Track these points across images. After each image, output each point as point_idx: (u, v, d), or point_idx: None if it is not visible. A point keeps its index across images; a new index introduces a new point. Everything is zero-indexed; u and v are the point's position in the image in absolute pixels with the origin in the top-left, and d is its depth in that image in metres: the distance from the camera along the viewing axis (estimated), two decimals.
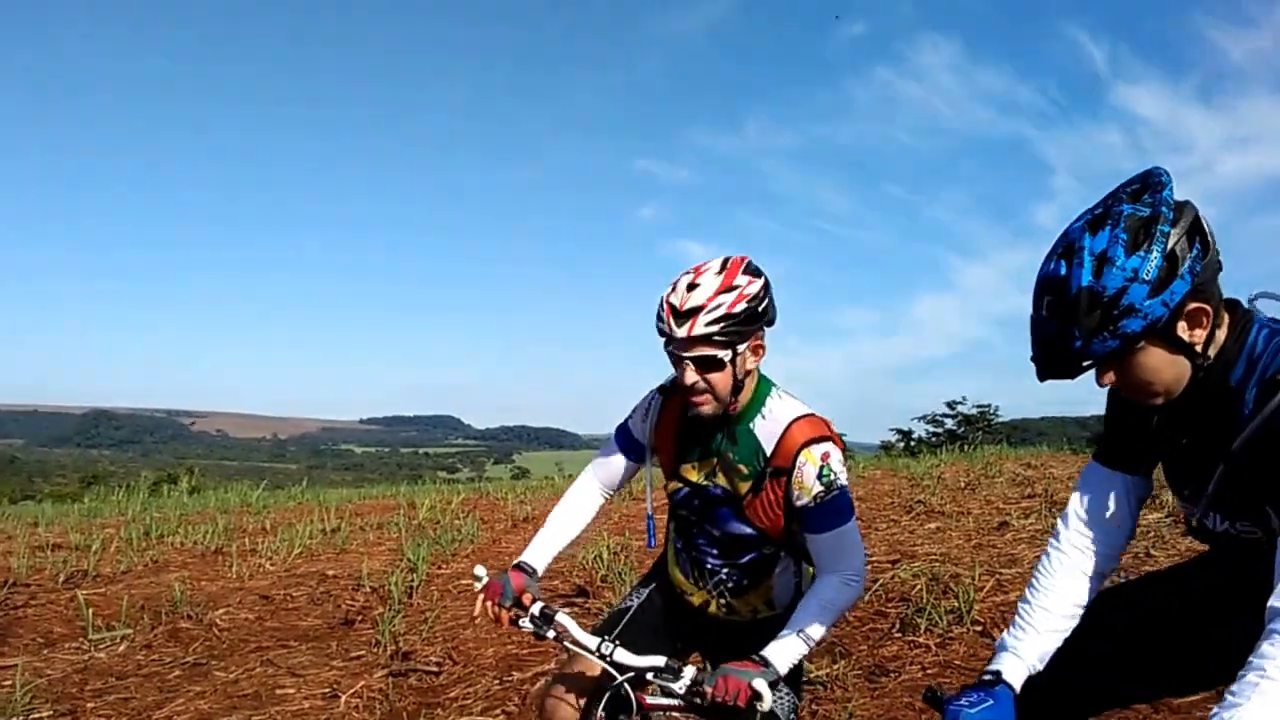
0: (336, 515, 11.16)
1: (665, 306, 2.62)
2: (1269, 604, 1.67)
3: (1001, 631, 4.95)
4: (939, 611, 5.37)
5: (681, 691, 2.51)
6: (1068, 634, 2.16)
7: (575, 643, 2.69)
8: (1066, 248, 1.86)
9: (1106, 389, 2.02)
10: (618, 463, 3.11)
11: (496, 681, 5.37)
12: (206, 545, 9.92)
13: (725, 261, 2.65)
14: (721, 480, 2.81)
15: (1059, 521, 2.27)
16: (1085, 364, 1.86)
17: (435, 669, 5.60)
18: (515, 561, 2.91)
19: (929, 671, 4.82)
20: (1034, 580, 2.22)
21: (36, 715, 5.16)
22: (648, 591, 3.14)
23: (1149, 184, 1.85)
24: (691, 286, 2.61)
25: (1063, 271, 1.84)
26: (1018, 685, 2.06)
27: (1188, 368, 1.89)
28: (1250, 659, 1.63)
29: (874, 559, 6.74)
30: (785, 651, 2.57)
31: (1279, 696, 1.55)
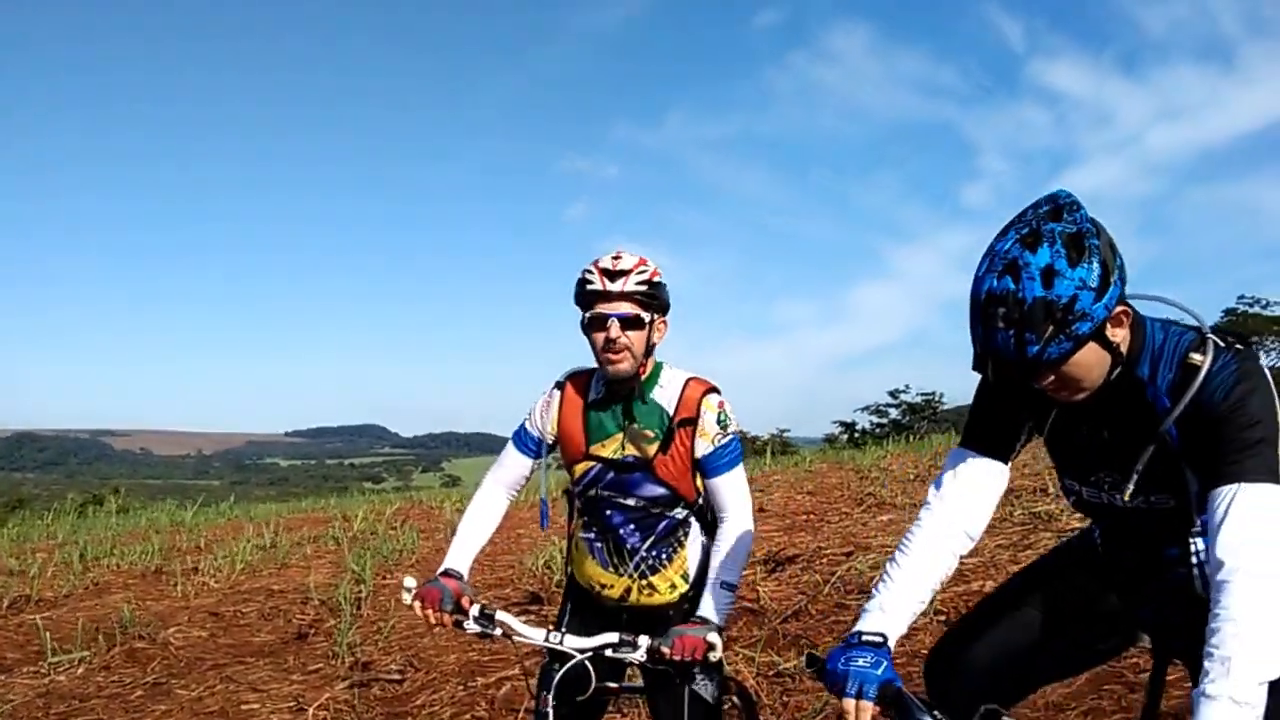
0: (271, 530, 11.16)
1: (595, 271, 2.96)
2: (1212, 555, 1.94)
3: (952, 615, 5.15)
4: None
5: (642, 658, 2.74)
6: (925, 606, 2.31)
7: (522, 637, 2.85)
8: (1009, 265, 2.02)
9: (977, 383, 2.38)
10: (517, 463, 3.27)
11: (461, 687, 5.42)
12: (145, 565, 9.89)
13: (634, 253, 3.04)
14: (631, 450, 3.06)
15: (927, 500, 2.40)
16: (1043, 367, 2.02)
17: (398, 678, 5.65)
18: (441, 569, 3.02)
19: (898, 661, 4.93)
20: (902, 551, 2.33)
21: None
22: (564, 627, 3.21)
23: (1064, 204, 2.06)
24: (616, 258, 3.00)
25: (1012, 286, 2.00)
26: (894, 647, 2.21)
27: (1108, 364, 2.11)
28: (1211, 625, 1.87)
29: (828, 552, 6.89)
30: (716, 604, 2.90)
31: (1249, 665, 1.80)
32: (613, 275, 2.95)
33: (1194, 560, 2.27)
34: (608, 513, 3.11)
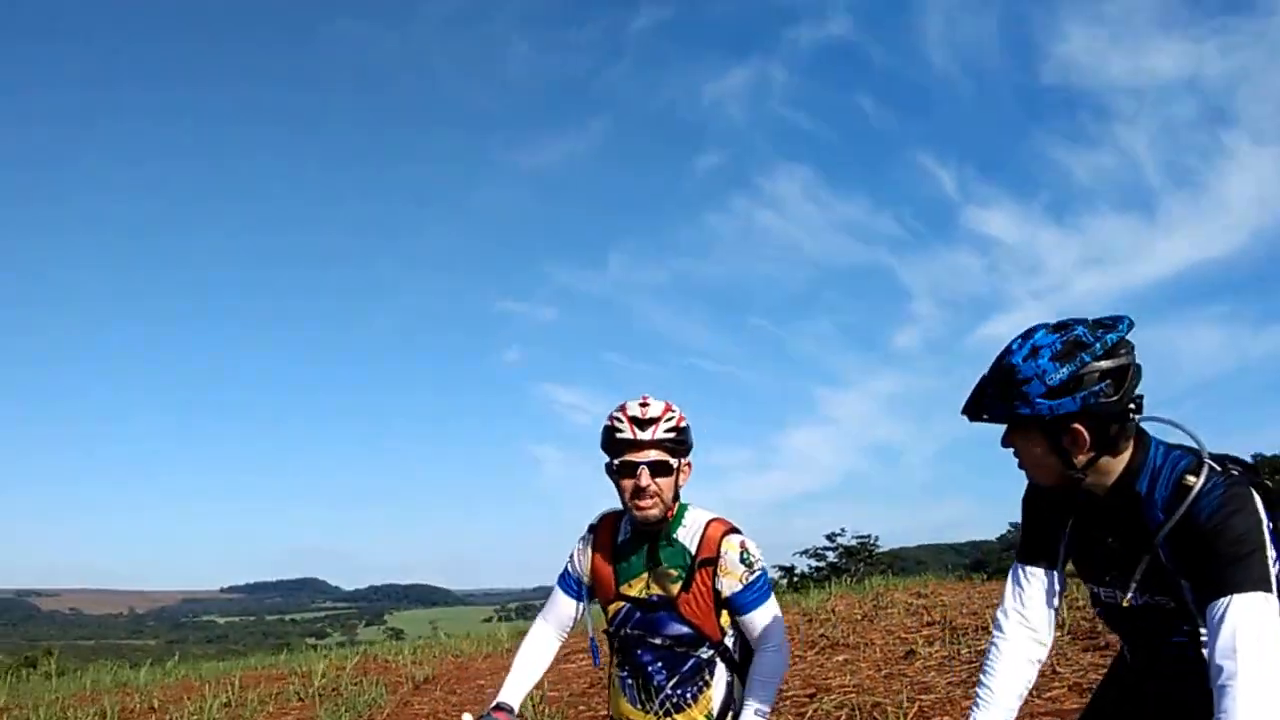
0: (232, 688, 11.00)
1: (624, 419, 3.14)
2: (1213, 662, 2.15)
3: None
4: None
5: None
6: (1015, 714, 2.55)
7: None
8: (1027, 332, 2.41)
9: (1020, 503, 2.75)
10: (564, 605, 3.48)
11: None
12: None
13: (660, 399, 3.23)
14: (656, 589, 3.23)
15: (998, 615, 2.67)
16: (984, 416, 2.42)
17: None
18: (494, 703, 3.22)
19: None
20: (987, 668, 2.59)
21: None
22: None
23: (1110, 323, 2.35)
24: (644, 404, 3.17)
25: (1014, 347, 2.38)
26: None
27: (1057, 470, 2.43)
28: None
29: (790, 693, 7.02)
30: None
31: None
32: (642, 424, 3.11)
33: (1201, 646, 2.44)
34: (638, 651, 3.29)
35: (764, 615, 3.20)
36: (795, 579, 25.84)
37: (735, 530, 3.24)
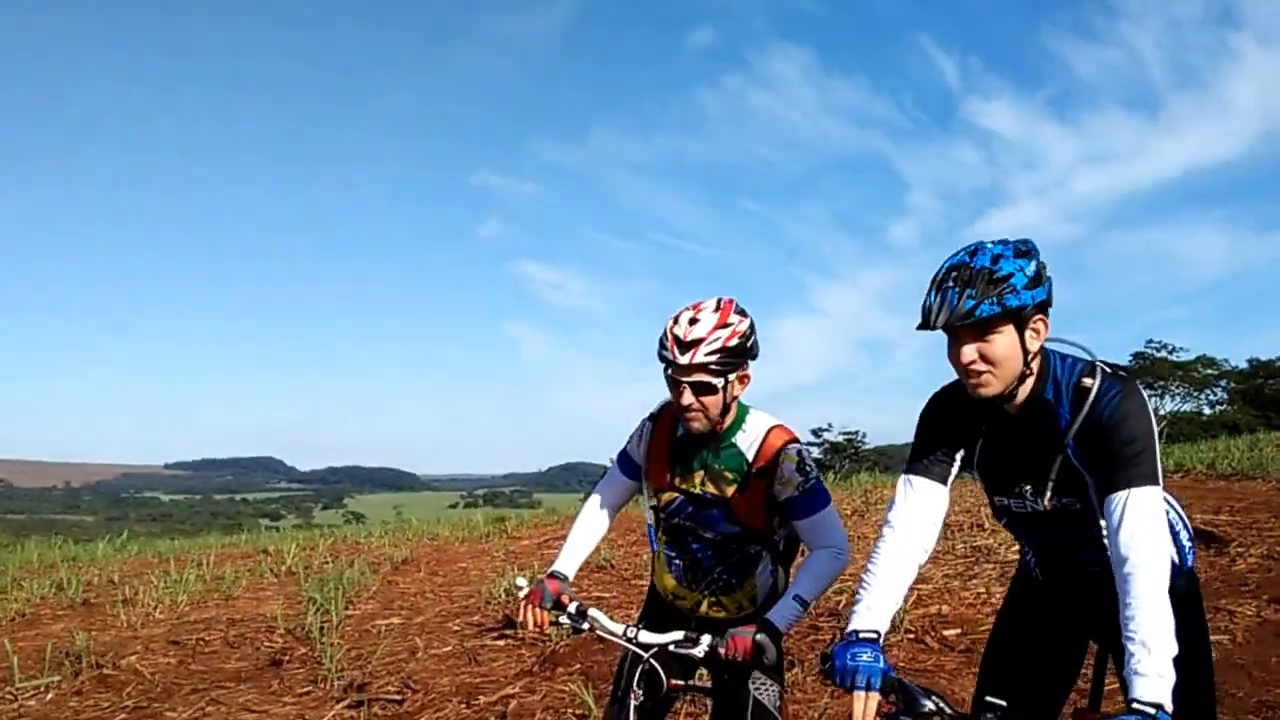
0: (190, 565, 11.03)
1: (670, 337, 3.08)
2: (1115, 552, 2.42)
3: (930, 638, 5.55)
4: None
5: (701, 655, 2.95)
6: (899, 606, 2.72)
7: (605, 630, 3.11)
8: (971, 250, 2.59)
9: (920, 412, 2.92)
10: (620, 484, 3.53)
11: (464, 705, 5.52)
12: (72, 598, 9.72)
13: (719, 301, 3.14)
14: (711, 488, 3.25)
15: (887, 519, 2.78)
16: (971, 319, 2.50)
17: (398, 698, 5.71)
18: (549, 570, 3.29)
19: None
20: (874, 560, 2.70)
21: None
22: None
23: (1020, 240, 2.62)
24: (693, 321, 3.08)
25: (967, 260, 2.55)
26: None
27: (1019, 367, 2.59)
28: (1125, 614, 2.33)
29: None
30: (782, 612, 2.99)
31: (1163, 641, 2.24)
32: (684, 346, 3.06)
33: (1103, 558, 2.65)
34: (688, 539, 3.34)
35: (822, 522, 3.19)
36: None
37: (794, 440, 3.25)
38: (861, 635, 2.54)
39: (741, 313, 3.15)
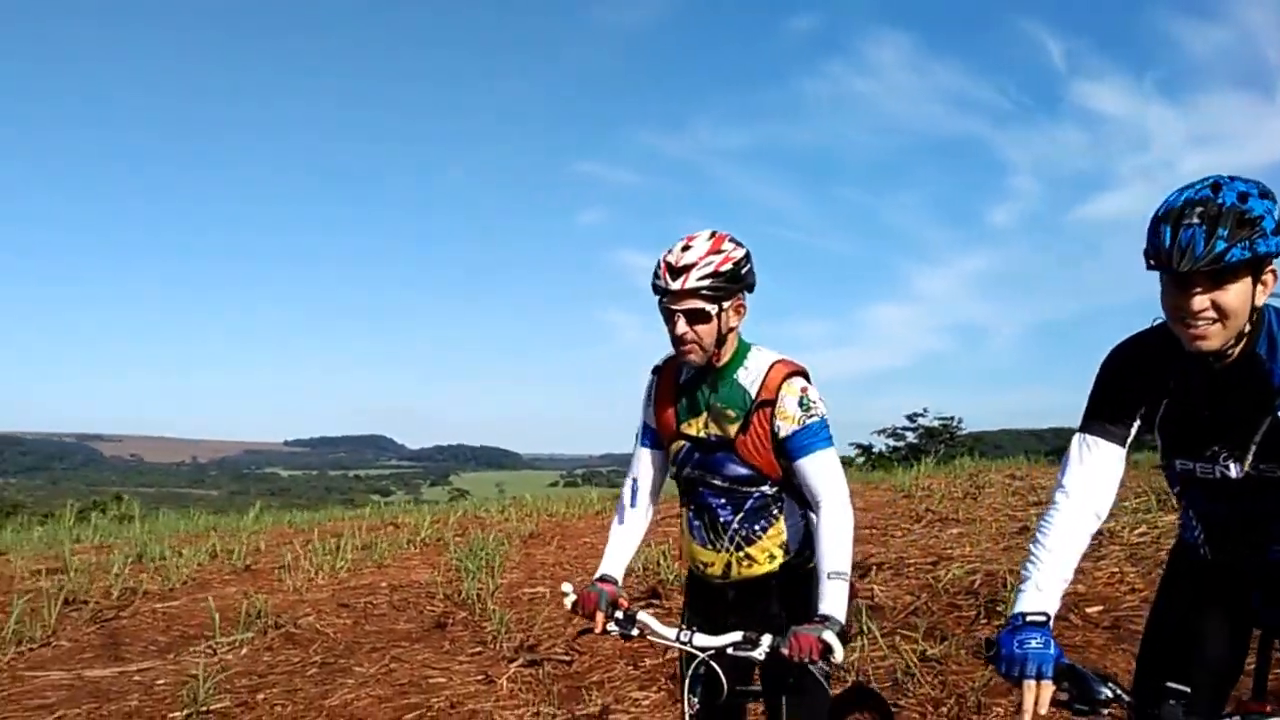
0: (328, 536, 11.55)
1: (662, 264, 3.02)
2: None
3: (1074, 614, 5.79)
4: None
5: (761, 658, 2.76)
6: (1069, 583, 2.52)
7: (657, 635, 3.01)
8: (1213, 184, 2.27)
9: (1103, 362, 2.65)
10: (647, 461, 3.41)
11: (630, 666, 5.96)
12: (234, 564, 10.43)
13: (713, 232, 3.09)
14: (714, 429, 3.16)
15: (1059, 483, 2.60)
16: (1219, 263, 2.21)
17: (566, 659, 6.21)
18: (597, 574, 3.21)
19: None
20: (1043, 532, 2.53)
21: (219, 704, 5.74)
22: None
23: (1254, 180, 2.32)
24: (685, 248, 3.03)
25: (1209, 194, 2.25)
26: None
27: (1245, 321, 2.32)
28: None
29: (911, 561, 7.48)
30: (835, 599, 2.84)
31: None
32: (676, 271, 3.00)
33: None
34: (701, 490, 3.23)
35: (821, 462, 3.05)
36: (873, 458, 25.94)
37: (799, 373, 3.13)
38: (1029, 619, 2.36)
39: (736, 242, 3.10)
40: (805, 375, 3.15)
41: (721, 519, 3.21)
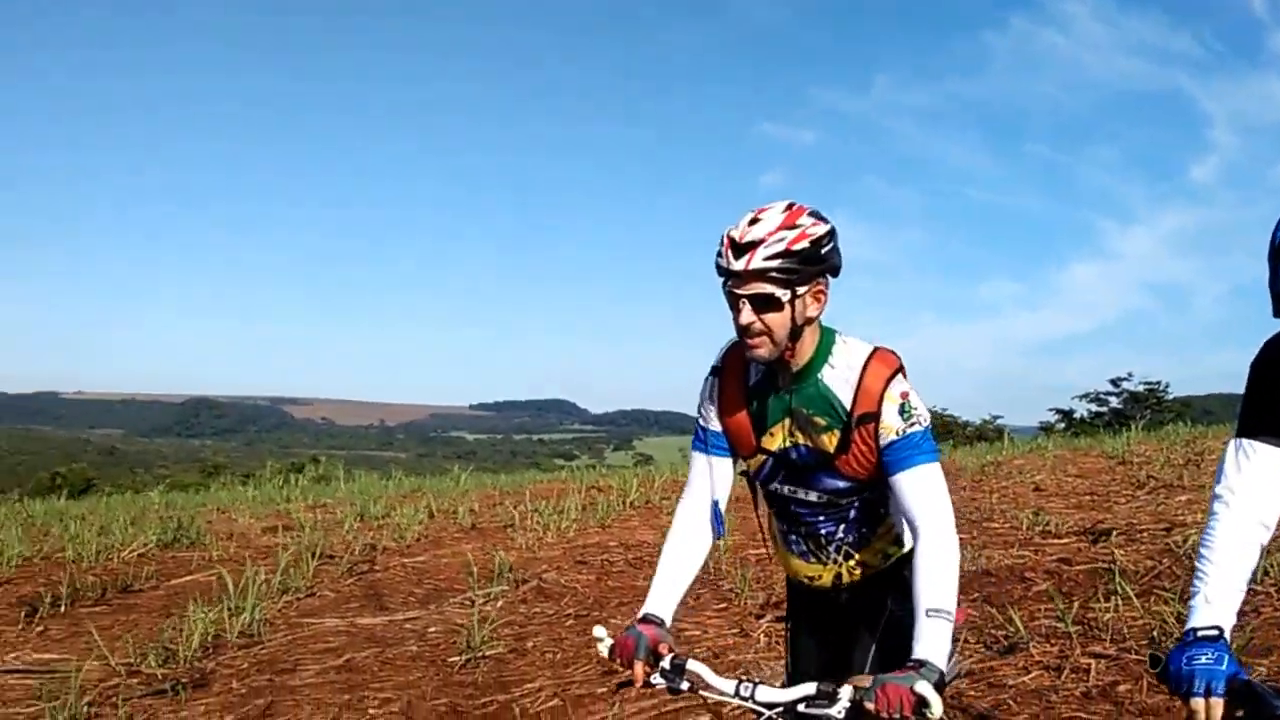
0: (535, 499, 11.84)
1: (724, 240, 2.56)
2: None
3: None
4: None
5: (841, 716, 2.28)
6: (1243, 597, 2.30)
7: (711, 689, 2.52)
8: None
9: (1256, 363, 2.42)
10: (707, 471, 2.90)
11: None
12: (461, 522, 10.96)
13: (790, 204, 2.60)
14: (801, 439, 2.73)
15: (1216, 493, 2.37)
16: None
17: None
18: (641, 613, 2.72)
19: None
20: (1208, 545, 2.32)
21: (493, 650, 6.18)
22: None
23: None
24: (753, 221, 2.55)
25: None
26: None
27: None
28: None
29: (1145, 526, 7.45)
30: (934, 641, 2.36)
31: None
32: (739, 249, 2.53)
33: None
34: (792, 507, 2.86)
35: (921, 479, 2.59)
36: (1075, 423, 25.36)
37: (899, 372, 2.65)
38: (1200, 634, 2.17)
39: (820, 218, 2.61)
40: (903, 371, 2.68)
41: (824, 532, 2.85)
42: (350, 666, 6.07)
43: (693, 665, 2.53)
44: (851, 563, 2.86)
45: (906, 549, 2.83)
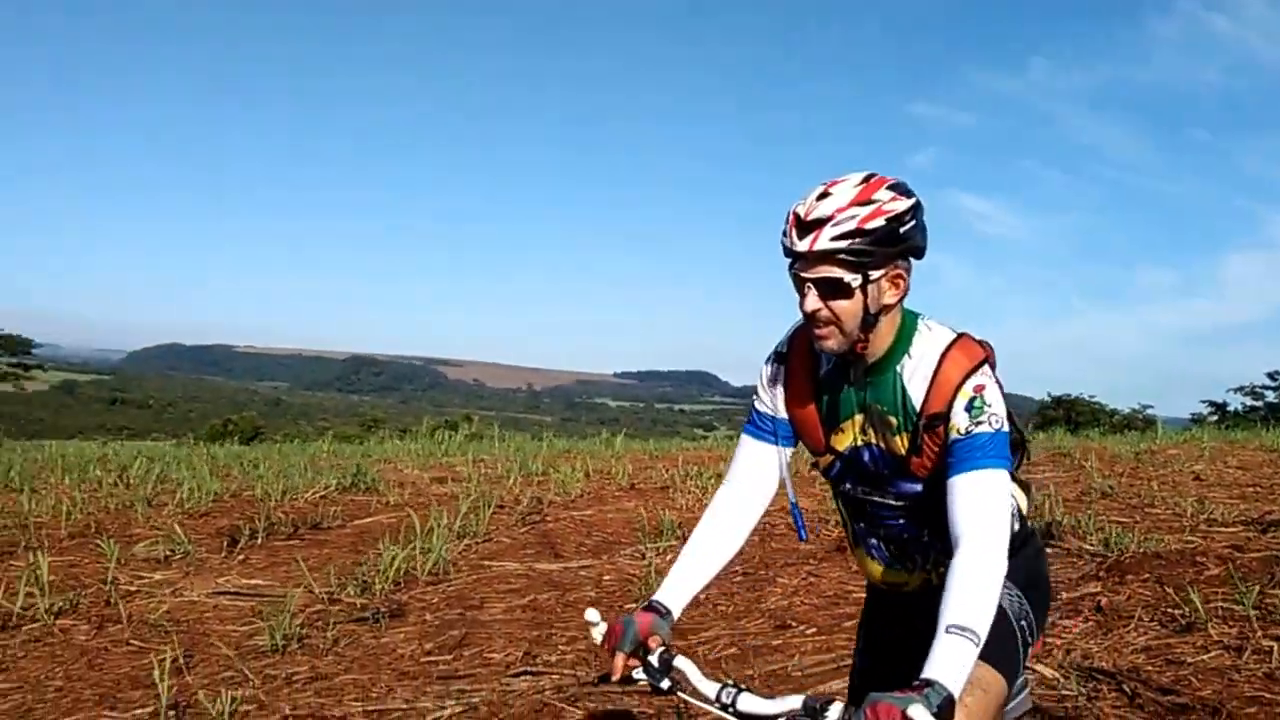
0: (691, 463, 12.06)
1: (790, 216, 2.25)
2: None
3: None
4: None
5: None
6: None
7: (694, 692, 2.26)
8: None
9: None
10: (755, 457, 2.61)
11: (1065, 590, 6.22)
12: (619, 483, 11.16)
13: (870, 175, 2.27)
14: (874, 438, 2.44)
15: None
16: None
17: None
18: (649, 600, 2.43)
19: None
20: None
21: None
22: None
23: None
24: (823, 196, 2.23)
25: None
26: None
27: None
28: None
29: None
30: (949, 661, 2.03)
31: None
32: (805, 226, 2.22)
33: None
34: (872, 513, 2.57)
35: (978, 484, 2.23)
36: (1229, 417, 24.78)
37: (982, 365, 2.32)
38: None
39: (903, 191, 2.27)
40: (985, 361, 2.34)
41: (908, 537, 2.55)
42: (534, 606, 6.39)
43: (680, 662, 2.28)
44: (942, 569, 2.35)
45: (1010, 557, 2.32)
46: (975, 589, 2.11)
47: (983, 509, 2.20)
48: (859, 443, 2.45)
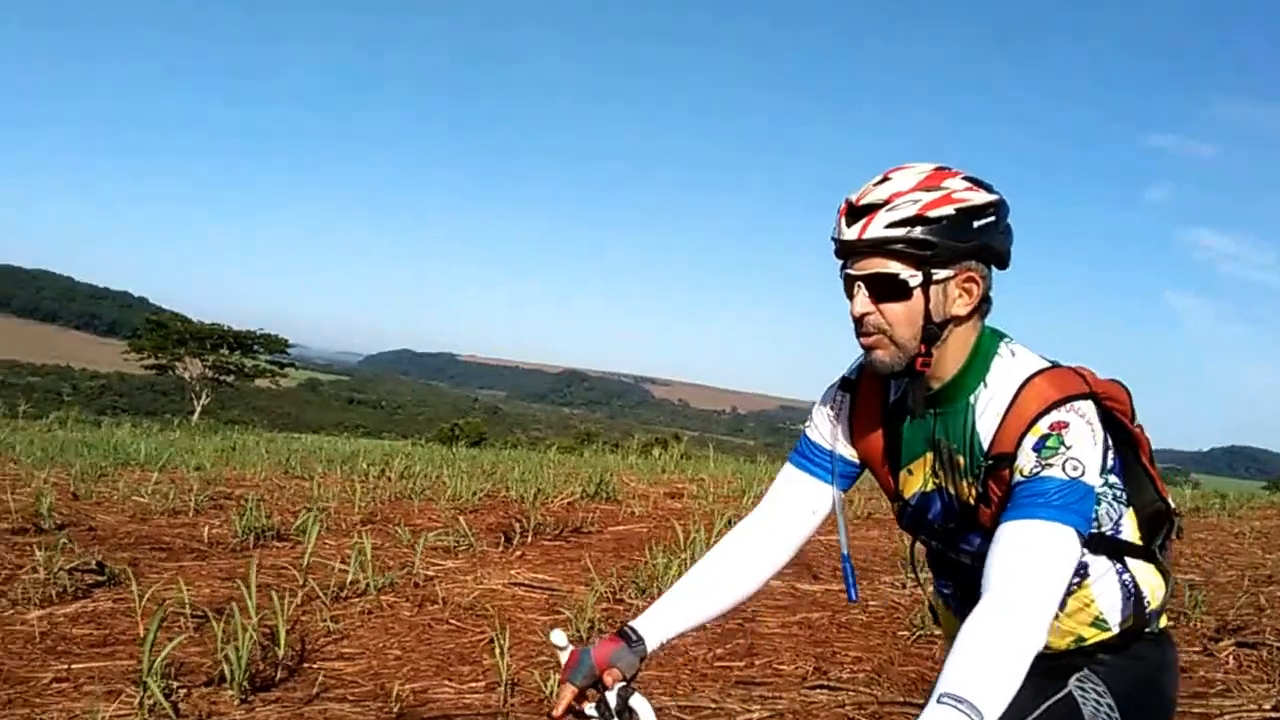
0: None
1: (842, 206, 1.90)
2: None
3: None
4: None
5: None
6: None
7: None
8: None
9: None
10: (801, 490, 2.19)
11: None
12: (857, 510, 11.29)
13: (941, 166, 1.90)
14: (945, 482, 2.03)
15: None
16: None
17: None
18: (621, 627, 2.09)
19: None
20: None
21: (933, 632, 6.61)
22: None
23: None
24: (881, 181, 1.87)
25: None
26: None
27: None
28: None
29: None
30: None
31: None
32: (855, 213, 1.85)
33: None
34: (950, 562, 2.14)
35: (1026, 535, 1.77)
36: None
37: (1073, 400, 1.84)
38: None
39: (979, 184, 1.89)
40: (1079, 398, 1.85)
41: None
42: (808, 624, 6.57)
43: (637, 702, 1.97)
44: None
45: (1113, 632, 2.01)
46: (985, 655, 1.67)
47: (1024, 564, 1.74)
48: (929, 487, 2.05)
